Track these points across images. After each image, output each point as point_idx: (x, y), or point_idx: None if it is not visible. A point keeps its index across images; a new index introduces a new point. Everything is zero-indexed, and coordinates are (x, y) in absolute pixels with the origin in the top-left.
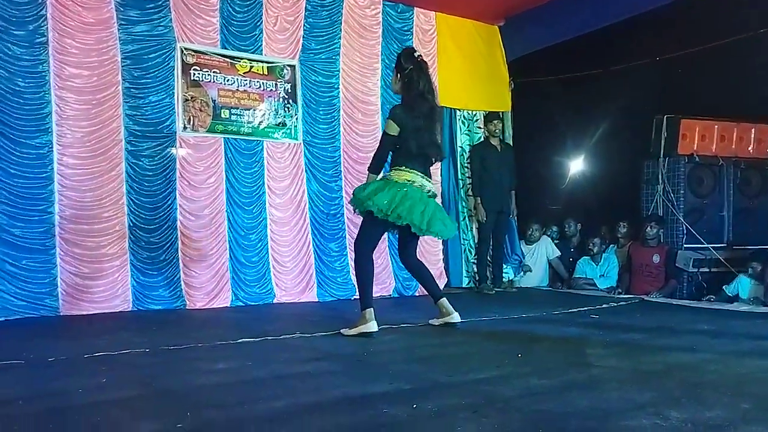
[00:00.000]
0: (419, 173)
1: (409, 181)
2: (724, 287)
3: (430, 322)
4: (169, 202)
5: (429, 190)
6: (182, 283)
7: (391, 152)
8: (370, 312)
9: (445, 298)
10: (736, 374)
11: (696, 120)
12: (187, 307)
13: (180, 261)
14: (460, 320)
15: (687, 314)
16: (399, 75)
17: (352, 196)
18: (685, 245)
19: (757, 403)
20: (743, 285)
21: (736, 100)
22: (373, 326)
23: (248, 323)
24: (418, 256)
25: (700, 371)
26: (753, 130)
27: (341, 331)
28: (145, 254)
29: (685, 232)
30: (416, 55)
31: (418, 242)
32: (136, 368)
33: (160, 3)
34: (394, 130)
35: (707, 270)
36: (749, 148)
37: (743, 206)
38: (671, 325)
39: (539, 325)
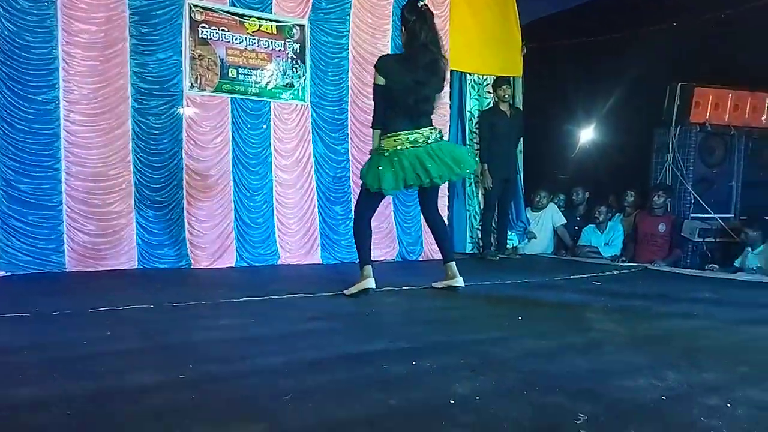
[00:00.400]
0: (407, 131)
1: (398, 148)
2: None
3: (433, 285)
4: (175, 161)
5: (425, 139)
6: (187, 242)
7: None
8: (368, 268)
9: (454, 263)
10: (734, 341)
11: (710, 88)
12: (192, 267)
13: (185, 220)
14: (463, 285)
15: (689, 283)
16: (404, 28)
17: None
18: (692, 215)
19: (754, 367)
20: (749, 255)
21: (752, 69)
22: (371, 282)
23: (252, 283)
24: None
25: (699, 337)
26: (767, 99)
27: (343, 292)
28: (150, 213)
29: (692, 201)
30: (420, 4)
31: (437, 199)
32: (139, 323)
33: None
34: (379, 80)
35: (713, 240)
36: (762, 118)
37: (753, 177)
38: (672, 292)
39: (540, 291)
